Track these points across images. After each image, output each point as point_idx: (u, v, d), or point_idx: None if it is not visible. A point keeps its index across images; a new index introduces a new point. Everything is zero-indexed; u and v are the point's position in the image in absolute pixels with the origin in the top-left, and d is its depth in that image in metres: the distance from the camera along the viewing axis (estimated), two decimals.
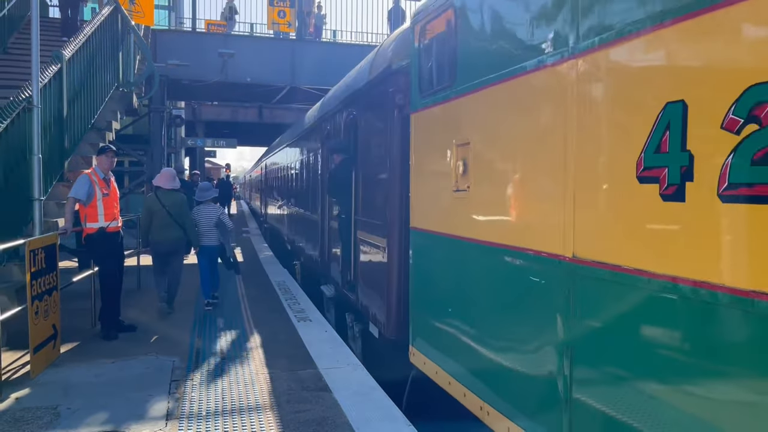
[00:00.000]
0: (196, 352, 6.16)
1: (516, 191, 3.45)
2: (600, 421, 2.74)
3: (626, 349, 2.59)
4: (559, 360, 3.00)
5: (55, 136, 7.41)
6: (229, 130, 30.19)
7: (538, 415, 3.26)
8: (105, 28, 10.05)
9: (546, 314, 3.10)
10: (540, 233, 3.17)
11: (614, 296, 2.67)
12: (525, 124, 3.34)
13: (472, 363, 3.96)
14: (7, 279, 5.92)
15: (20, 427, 4.30)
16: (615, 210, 2.66)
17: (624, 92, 2.62)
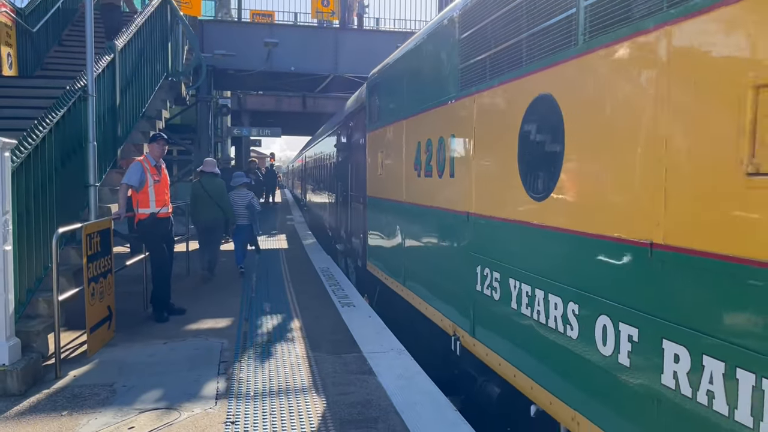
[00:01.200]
0: (243, 335, 6.30)
1: (398, 173, 6.79)
2: None
3: None
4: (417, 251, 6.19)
5: (108, 124, 7.63)
6: (273, 120, 30.49)
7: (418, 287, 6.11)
8: (155, 18, 10.27)
9: (416, 229, 6.25)
10: (399, 192, 6.73)
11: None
12: (398, 143, 6.76)
13: (388, 262, 7.45)
14: (66, 262, 6.15)
15: (79, 402, 4.49)
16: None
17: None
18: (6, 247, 4.66)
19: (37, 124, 5.73)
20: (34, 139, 5.49)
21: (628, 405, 2.87)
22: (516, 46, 3.98)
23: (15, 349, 4.76)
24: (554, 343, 3.53)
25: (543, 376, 3.68)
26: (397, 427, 4.05)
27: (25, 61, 9.83)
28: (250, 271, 10.18)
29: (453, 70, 5.08)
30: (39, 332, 5.23)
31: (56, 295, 5.06)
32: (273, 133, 24.01)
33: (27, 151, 5.28)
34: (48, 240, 5.49)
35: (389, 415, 4.24)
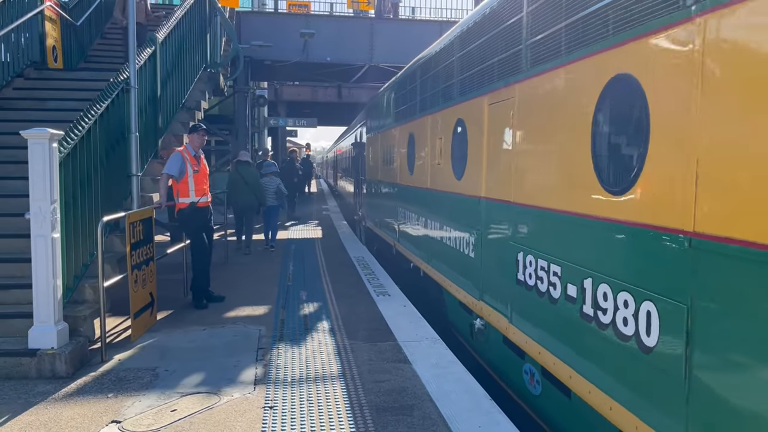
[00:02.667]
0: (281, 323, 6.41)
1: (381, 163, 11.31)
2: None
3: None
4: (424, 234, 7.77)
5: (149, 115, 7.80)
6: (309, 110, 30.68)
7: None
8: (194, 10, 10.42)
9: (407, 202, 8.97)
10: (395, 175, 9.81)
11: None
12: (387, 146, 10.67)
13: (375, 219, 12.23)
14: (110, 249, 6.33)
15: (123, 385, 4.64)
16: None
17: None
18: (54, 234, 4.83)
19: (83, 116, 5.89)
20: (80, 131, 5.66)
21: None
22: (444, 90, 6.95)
23: (63, 333, 4.94)
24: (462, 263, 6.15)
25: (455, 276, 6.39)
26: (432, 414, 4.09)
27: (70, 53, 10.09)
28: (285, 254, 10.93)
29: (392, 111, 10.32)
30: (86, 317, 5.41)
31: (101, 281, 5.23)
32: (309, 124, 24.17)
33: (73, 142, 5.45)
34: (93, 228, 5.66)
35: (424, 402, 4.28)
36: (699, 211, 2.67)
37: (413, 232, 8.36)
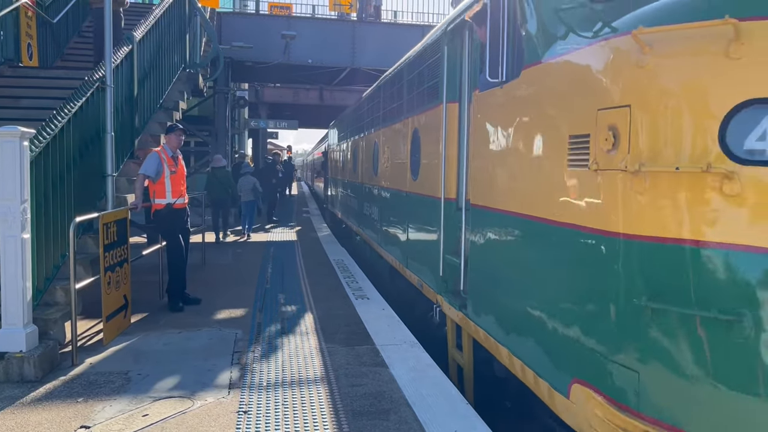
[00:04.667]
0: (257, 326, 6.33)
1: (338, 165, 16.21)
2: None
3: None
4: (378, 223, 9.59)
5: (126, 115, 7.68)
6: (290, 112, 30.57)
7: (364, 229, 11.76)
8: (173, 10, 10.31)
9: (365, 200, 11.21)
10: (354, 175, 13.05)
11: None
12: (337, 155, 16.59)
13: (334, 203, 17.19)
14: (83, 251, 6.21)
15: (94, 389, 4.54)
16: None
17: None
18: (24, 235, 4.72)
19: (56, 114, 5.78)
20: (53, 129, 5.55)
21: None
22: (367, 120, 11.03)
23: (32, 336, 4.82)
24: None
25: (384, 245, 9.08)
26: (409, 419, 4.05)
27: (45, 51, 9.92)
28: (266, 254, 10.60)
29: (350, 130, 13.33)
30: (56, 320, 5.29)
31: (73, 283, 5.12)
32: (290, 126, 24.10)
33: (45, 141, 5.33)
34: (65, 229, 5.55)
35: (401, 407, 4.24)
36: (453, 189, 5.53)
37: (350, 207, 13.17)
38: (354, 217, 12.28)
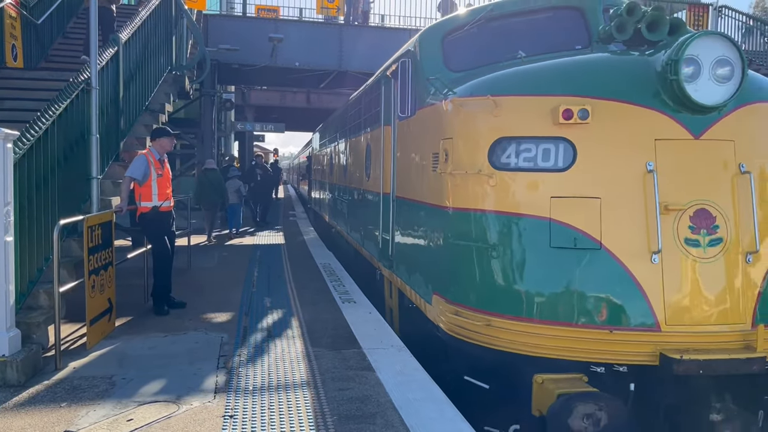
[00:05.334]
0: (243, 330, 6.31)
1: (318, 168, 18.76)
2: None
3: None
4: (344, 216, 11.72)
5: (111, 117, 7.63)
6: (277, 115, 30.51)
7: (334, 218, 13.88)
8: (159, 12, 10.26)
9: (337, 200, 13.13)
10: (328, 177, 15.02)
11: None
12: (317, 160, 19.30)
13: (315, 201, 19.14)
14: (67, 254, 6.15)
15: (78, 394, 4.50)
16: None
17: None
18: (7, 238, 4.67)
19: (40, 116, 5.73)
20: (37, 131, 5.49)
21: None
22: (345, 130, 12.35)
23: (15, 340, 4.77)
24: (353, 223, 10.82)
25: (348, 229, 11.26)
26: (395, 422, 4.05)
27: (30, 53, 9.82)
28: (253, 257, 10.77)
29: (328, 139, 15.51)
30: (39, 324, 5.24)
31: (57, 286, 5.07)
32: (277, 129, 24.04)
33: (29, 143, 5.28)
34: (49, 232, 5.49)
35: (387, 411, 4.24)
36: (388, 186, 7.07)
37: (327, 205, 14.88)
38: (330, 213, 14.20)
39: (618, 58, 4.82)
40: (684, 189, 4.21)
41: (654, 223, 4.13)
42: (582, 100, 4.31)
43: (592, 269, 4.23)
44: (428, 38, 6.00)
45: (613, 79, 4.43)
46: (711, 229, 4.18)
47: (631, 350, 4.12)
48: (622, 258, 4.18)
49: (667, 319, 4.10)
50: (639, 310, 4.14)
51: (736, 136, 4.30)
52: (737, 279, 4.19)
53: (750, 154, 4.30)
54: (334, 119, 14.18)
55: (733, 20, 20.08)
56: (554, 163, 4.39)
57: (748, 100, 4.32)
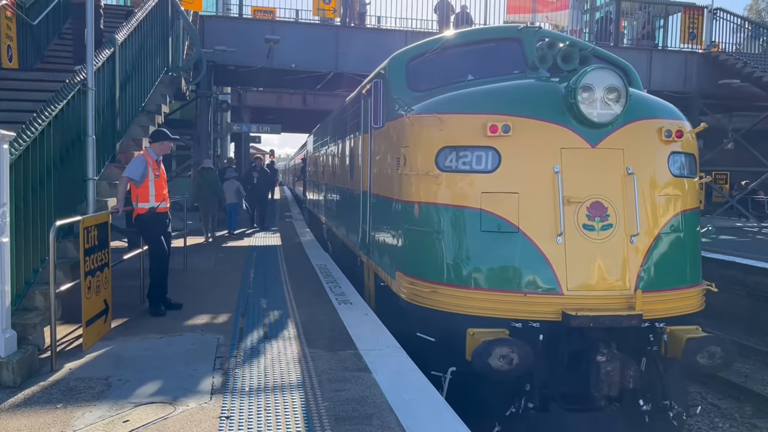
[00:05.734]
0: (240, 331, 6.31)
1: (311, 170, 20.30)
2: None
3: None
4: (329, 210, 13.47)
5: (107, 118, 7.61)
6: (273, 116, 30.50)
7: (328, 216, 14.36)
8: (156, 13, 10.25)
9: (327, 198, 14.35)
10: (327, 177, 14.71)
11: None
12: (310, 162, 20.69)
13: (310, 201, 20.03)
14: (63, 255, 6.14)
15: (74, 395, 4.50)
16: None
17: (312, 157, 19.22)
18: (3, 239, 4.66)
19: (36, 116, 5.72)
20: (33, 132, 5.49)
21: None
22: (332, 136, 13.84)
23: (11, 342, 4.76)
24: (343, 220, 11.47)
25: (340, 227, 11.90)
26: (392, 423, 4.06)
27: (26, 53, 9.81)
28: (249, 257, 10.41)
29: (320, 143, 16.49)
30: (35, 325, 5.23)
31: (53, 287, 5.06)
32: (273, 130, 24.05)
33: (25, 144, 5.28)
34: (45, 233, 5.49)
35: (384, 412, 4.25)
36: (366, 185, 8.19)
37: (319, 203, 16.14)
38: (322, 211, 15.31)
39: (535, 84, 6.02)
40: (582, 186, 5.37)
41: (559, 212, 5.27)
42: (505, 117, 5.46)
43: (511, 248, 5.40)
44: (395, 64, 7.22)
45: (529, 101, 5.63)
46: (603, 217, 5.35)
47: (540, 310, 5.27)
48: (534, 239, 5.35)
49: (568, 285, 5.27)
50: (546, 279, 5.31)
51: (624, 145, 5.47)
52: (623, 255, 5.36)
53: (635, 159, 5.46)
54: (325, 125, 15.53)
55: (728, 23, 20.16)
56: (484, 167, 5.53)
57: (634, 118, 5.53)
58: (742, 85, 18.79)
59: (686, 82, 19.38)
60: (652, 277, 5.43)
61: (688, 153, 5.92)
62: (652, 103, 6.04)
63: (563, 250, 5.29)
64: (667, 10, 20.46)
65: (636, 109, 5.57)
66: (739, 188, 23.33)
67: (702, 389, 8.36)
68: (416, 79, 6.94)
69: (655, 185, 5.63)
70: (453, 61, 7.05)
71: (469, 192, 5.58)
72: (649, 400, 5.32)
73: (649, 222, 5.51)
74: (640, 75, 11.20)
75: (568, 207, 5.32)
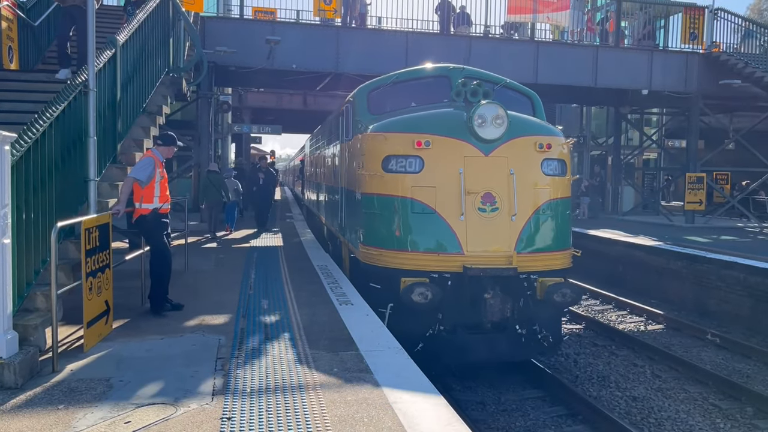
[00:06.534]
0: (240, 332, 6.31)
1: (307, 170, 21.89)
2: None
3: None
4: (325, 204, 14.64)
5: (108, 119, 7.61)
6: (274, 117, 30.50)
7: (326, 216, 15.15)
8: (156, 14, 10.26)
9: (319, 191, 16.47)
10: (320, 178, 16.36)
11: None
12: (307, 163, 21.87)
13: (308, 197, 21.39)
14: (64, 256, 6.14)
15: (75, 396, 4.50)
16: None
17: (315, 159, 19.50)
18: (5, 240, 4.66)
19: (37, 118, 5.72)
20: (34, 133, 5.49)
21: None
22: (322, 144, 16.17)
23: (12, 343, 4.76)
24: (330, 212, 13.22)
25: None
26: (393, 424, 4.06)
27: (26, 55, 9.82)
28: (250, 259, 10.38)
29: (314, 147, 18.44)
30: (36, 326, 5.23)
31: (54, 289, 5.07)
32: (273, 131, 24.06)
33: (27, 145, 5.28)
34: (47, 234, 5.49)
35: (385, 412, 4.25)
36: (342, 182, 10.60)
37: (313, 199, 18.22)
38: (314, 205, 17.78)
39: (448, 112, 8.29)
40: (478, 182, 7.73)
41: (462, 199, 7.66)
42: (427, 136, 7.81)
43: (430, 224, 7.76)
44: (359, 94, 9.64)
45: (443, 125, 7.99)
46: (492, 203, 7.72)
47: (449, 265, 7.64)
48: (445, 218, 7.71)
49: (467, 249, 7.64)
50: (453, 244, 7.67)
51: (507, 155, 7.83)
52: (506, 229, 7.75)
53: (515, 164, 7.80)
54: (317, 133, 18.03)
55: (729, 23, 20.14)
56: (414, 169, 7.85)
57: (515, 135, 7.89)
58: (742, 85, 18.77)
59: (687, 83, 19.36)
60: (526, 244, 7.80)
61: (559, 159, 8.17)
62: (531, 124, 8.41)
63: (465, 225, 7.66)
64: (667, 11, 20.45)
65: (517, 129, 7.91)
66: (740, 189, 23.32)
67: (703, 390, 8.36)
68: (374, 105, 9.22)
69: (530, 181, 7.92)
70: (401, 93, 9.40)
71: (403, 186, 7.85)
72: (523, 327, 7.84)
73: (525, 206, 7.81)
74: (640, 75, 16.16)
75: (468, 196, 7.65)
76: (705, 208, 21.12)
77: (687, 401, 8.01)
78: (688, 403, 7.93)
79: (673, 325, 11.59)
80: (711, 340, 10.57)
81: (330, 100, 25.97)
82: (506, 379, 8.64)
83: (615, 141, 23.89)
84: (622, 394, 8.20)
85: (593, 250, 16.26)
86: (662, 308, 12.63)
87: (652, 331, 11.46)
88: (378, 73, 18.16)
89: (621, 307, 13.00)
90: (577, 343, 10.55)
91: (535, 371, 8.61)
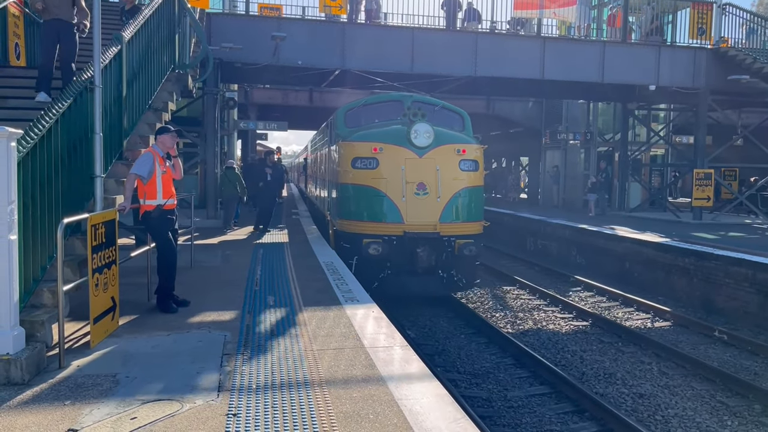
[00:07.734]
0: (246, 328, 6.31)
1: (310, 166, 25.38)
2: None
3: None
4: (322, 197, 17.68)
5: (114, 115, 7.62)
6: (280, 114, 30.50)
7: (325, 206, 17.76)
8: (162, 10, 10.25)
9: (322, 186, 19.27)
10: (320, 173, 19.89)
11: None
12: (310, 161, 25.63)
13: (309, 190, 25.78)
14: (71, 252, 6.16)
15: (81, 392, 4.51)
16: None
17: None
18: (11, 236, 4.67)
19: (44, 114, 5.73)
20: (41, 130, 5.49)
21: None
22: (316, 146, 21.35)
23: (19, 339, 4.78)
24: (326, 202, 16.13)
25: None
26: (399, 421, 4.05)
27: (33, 51, 9.84)
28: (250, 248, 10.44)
29: (315, 147, 22.69)
30: (43, 322, 5.25)
31: (60, 285, 5.08)
32: (279, 127, 24.02)
33: (33, 142, 5.28)
34: (53, 230, 5.50)
35: (391, 408, 4.24)
36: (330, 176, 14.28)
37: (314, 192, 21.17)
38: (313, 195, 21.47)
39: (396, 128, 11.66)
40: (415, 175, 11.15)
41: (403, 186, 11.10)
42: (380, 144, 11.29)
43: (382, 203, 11.17)
44: (340, 112, 13.31)
45: (392, 137, 11.40)
46: (424, 189, 11.15)
47: (394, 230, 11.06)
48: (393, 199, 11.12)
49: (407, 219, 11.09)
50: (397, 217, 11.12)
51: (435, 157, 11.26)
52: (433, 206, 11.19)
53: (440, 163, 11.25)
54: (316, 136, 23.10)
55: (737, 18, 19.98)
56: (372, 166, 11.27)
57: (441, 144, 11.37)
58: (751, 81, 18.62)
59: (695, 78, 19.24)
60: (446, 217, 11.24)
61: (473, 160, 11.59)
62: (452, 136, 11.82)
63: (405, 204, 11.11)
64: (675, 6, 20.32)
65: (441, 139, 11.43)
66: (748, 185, 23.17)
67: (711, 387, 8.32)
68: (350, 120, 12.85)
69: (450, 175, 11.32)
70: (369, 112, 12.85)
71: (365, 178, 11.33)
72: (445, 272, 11.41)
73: (446, 191, 11.24)
74: (648, 71, 17.60)
75: (408, 185, 11.11)
76: (713, 205, 21.00)
77: (694, 398, 7.97)
78: (695, 401, 7.90)
79: (681, 322, 11.54)
80: (719, 337, 10.53)
81: (336, 96, 25.93)
82: (512, 375, 8.62)
83: (622, 137, 23.75)
84: (629, 391, 8.17)
85: (601, 247, 16.24)
86: (669, 305, 12.59)
87: (659, 328, 11.42)
88: (384, 69, 18.26)
89: (628, 304, 12.96)
90: (584, 339, 10.52)
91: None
